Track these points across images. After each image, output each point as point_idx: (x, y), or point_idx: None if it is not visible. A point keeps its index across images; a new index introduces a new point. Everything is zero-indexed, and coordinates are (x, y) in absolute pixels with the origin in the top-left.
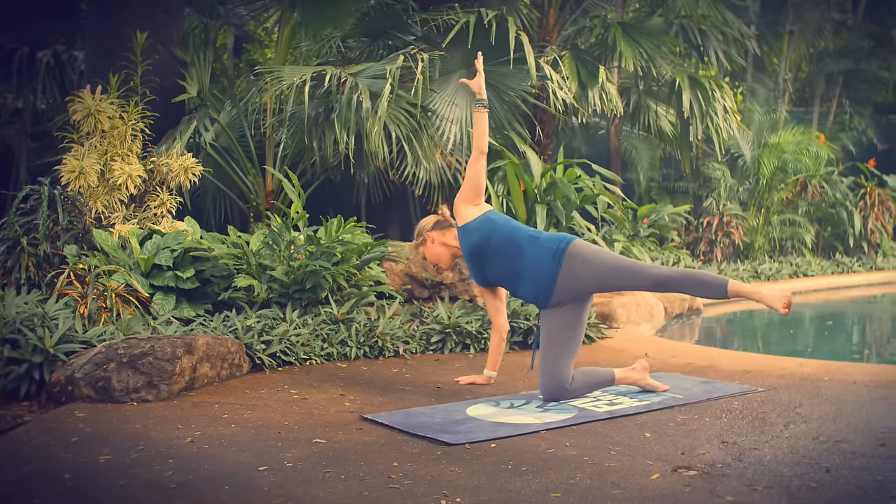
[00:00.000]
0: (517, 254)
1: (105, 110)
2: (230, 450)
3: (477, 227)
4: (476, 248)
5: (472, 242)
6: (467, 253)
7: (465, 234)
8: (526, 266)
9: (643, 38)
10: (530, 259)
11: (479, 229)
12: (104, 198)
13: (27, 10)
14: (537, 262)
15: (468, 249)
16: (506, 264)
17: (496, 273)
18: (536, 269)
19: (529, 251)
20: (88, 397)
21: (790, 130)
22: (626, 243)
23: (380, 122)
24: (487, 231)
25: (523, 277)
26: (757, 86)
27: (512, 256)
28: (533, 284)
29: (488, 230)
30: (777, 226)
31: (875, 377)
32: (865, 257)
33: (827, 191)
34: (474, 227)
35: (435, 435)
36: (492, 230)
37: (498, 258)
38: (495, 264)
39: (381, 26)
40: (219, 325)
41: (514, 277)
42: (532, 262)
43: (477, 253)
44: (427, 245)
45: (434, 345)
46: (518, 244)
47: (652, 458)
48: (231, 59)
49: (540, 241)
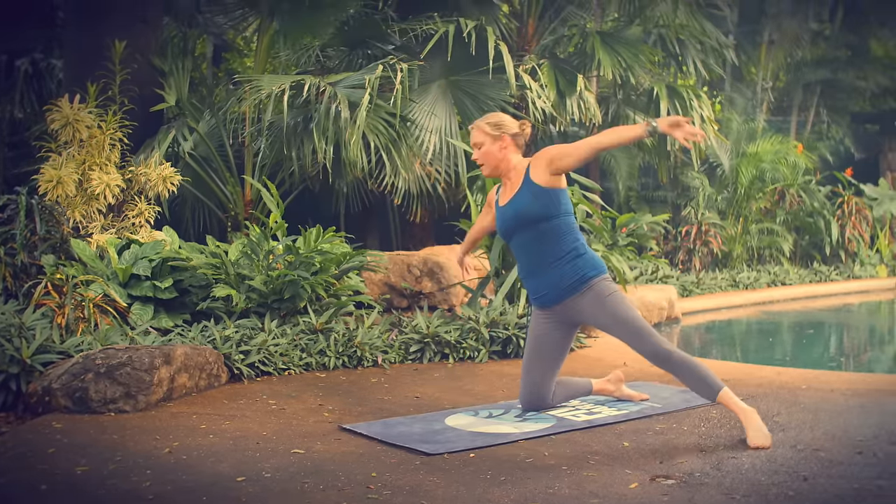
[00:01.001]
0: (554, 251)
1: (83, 119)
2: (208, 460)
3: (566, 199)
4: (534, 216)
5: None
6: (522, 211)
7: (551, 195)
8: (550, 266)
9: (621, 47)
10: (558, 264)
11: (566, 202)
12: (82, 207)
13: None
14: (561, 271)
15: (527, 209)
16: (540, 249)
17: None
18: (555, 277)
19: (564, 257)
20: (66, 408)
21: (768, 140)
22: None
23: (359, 131)
24: (566, 208)
25: (539, 273)
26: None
27: (549, 248)
28: (544, 286)
29: (567, 206)
30: (755, 235)
31: (852, 386)
32: (843, 266)
33: (805, 200)
34: (566, 197)
35: (414, 445)
36: (569, 209)
37: (542, 240)
38: (532, 243)
39: (360, 36)
40: (197, 336)
41: (532, 264)
42: (557, 268)
43: (529, 220)
44: (496, 143)
45: (413, 354)
46: (564, 242)
47: (630, 468)
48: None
49: (578, 255)
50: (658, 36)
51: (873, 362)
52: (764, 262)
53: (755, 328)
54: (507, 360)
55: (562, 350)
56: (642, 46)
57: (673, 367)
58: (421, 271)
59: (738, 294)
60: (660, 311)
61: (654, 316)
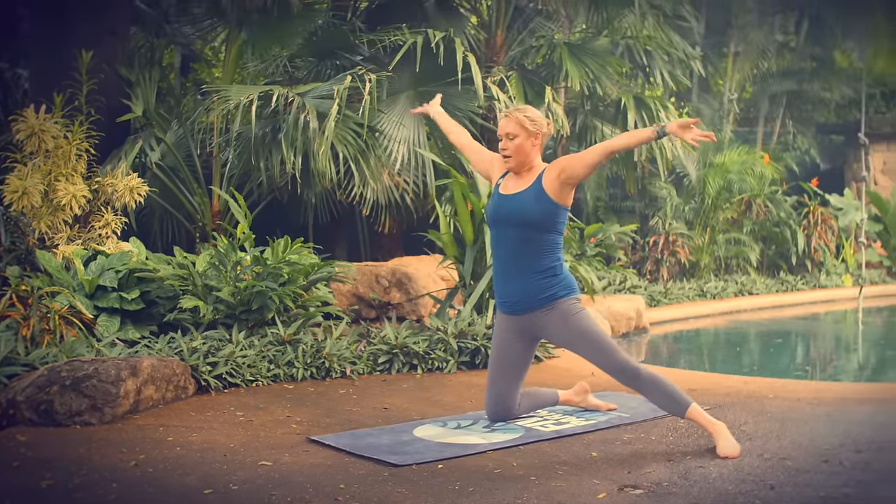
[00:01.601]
0: (534, 262)
1: (49, 130)
2: (175, 473)
3: (563, 218)
4: (530, 220)
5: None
6: (521, 210)
7: (553, 208)
8: (525, 276)
9: (589, 58)
10: (534, 276)
11: (562, 220)
12: (48, 218)
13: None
14: (534, 284)
15: (526, 210)
16: (521, 255)
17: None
18: (527, 287)
19: (542, 272)
20: (30, 421)
21: (735, 150)
22: (574, 263)
23: (327, 142)
24: (560, 227)
25: (513, 279)
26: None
27: (530, 258)
28: (513, 294)
29: (561, 227)
30: (722, 244)
31: (818, 395)
32: (809, 275)
33: (771, 210)
34: (564, 217)
35: (382, 456)
36: (561, 230)
37: (526, 246)
38: (516, 245)
39: (328, 46)
40: (164, 347)
41: (509, 267)
42: (531, 280)
43: (523, 222)
44: (530, 139)
45: (381, 365)
46: (545, 258)
47: (598, 478)
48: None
49: (554, 273)
50: (626, 47)
51: (839, 371)
52: (731, 271)
53: (722, 338)
54: (476, 370)
55: (525, 361)
56: (610, 58)
57: (640, 384)
58: (389, 282)
59: (706, 304)
60: (628, 322)
61: (622, 326)
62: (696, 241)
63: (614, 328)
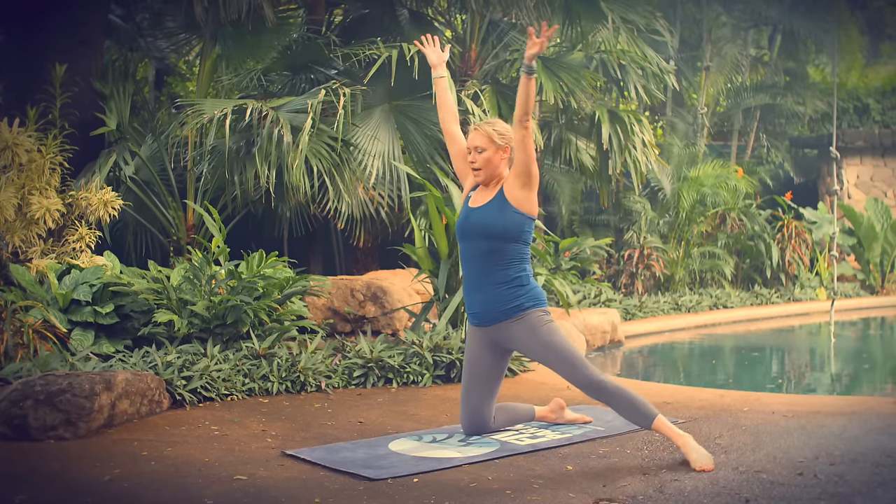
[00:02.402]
0: (500, 274)
1: (22, 143)
2: (150, 488)
3: (529, 228)
4: (494, 231)
5: (504, 222)
6: (486, 221)
7: (517, 218)
8: (492, 287)
9: (563, 72)
10: (500, 287)
11: (528, 231)
12: (21, 232)
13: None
14: (501, 295)
15: (491, 221)
16: (487, 266)
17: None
18: (494, 298)
19: (509, 282)
20: (4, 435)
21: (709, 164)
22: (549, 276)
23: (301, 155)
24: (525, 237)
25: (480, 290)
26: (676, 120)
27: (496, 269)
28: (480, 304)
29: (527, 237)
30: (697, 258)
31: (792, 407)
32: (783, 289)
33: (745, 223)
34: (530, 227)
35: (357, 470)
36: (527, 240)
37: (492, 258)
38: (483, 256)
39: (302, 60)
40: (138, 361)
41: (476, 279)
42: (497, 291)
43: (489, 233)
44: (499, 152)
45: (356, 379)
46: (511, 268)
47: (574, 491)
48: (152, 92)
49: (521, 284)
50: (600, 61)
51: (813, 384)
52: (706, 285)
53: (697, 351)
54: (451, 384)
55: (497, 373)
56: (584, 71)
57: (607, 396)
58: (364, 296)
59: (681, 317)
60: (603, 335)
61: (598, 340)
62: (670, 255)
63: (589, 342)
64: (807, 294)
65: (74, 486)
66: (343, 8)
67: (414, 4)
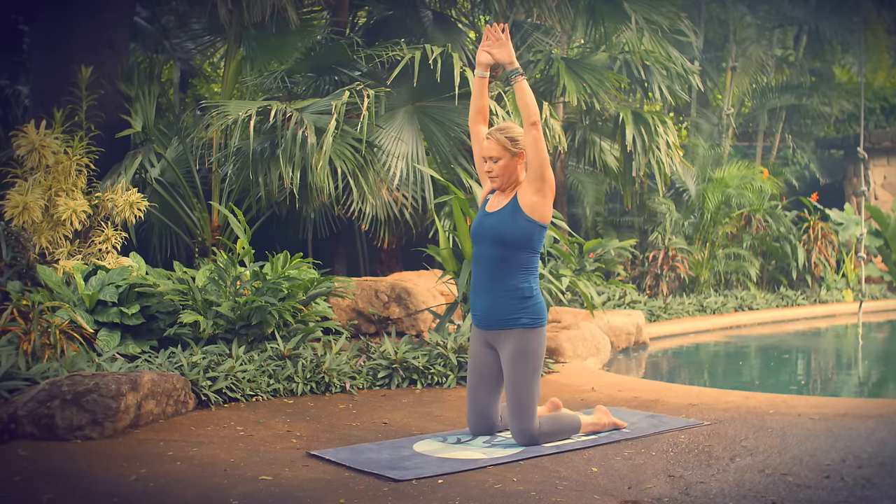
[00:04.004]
0: (505, 282)
1: (49, 145)
2: (175, 488)
3: (540, 237)
4: (505, 238)
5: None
6: (498, 227)
7: (529, 226)
8: (496, 293)
9: (586, 73)
10: (503, 295)
11: (539, 239)
12: (48, 233)
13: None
14: (502, 303)
15: (502, 227)
16: (494, 272)
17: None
18: (494, 304)
19: (512, 292)
20: (31, 435)
21: (734, 165)
22: (573, 278)
23: (325, 157)
24: (535, 245)
25: (484, 294)
26: (701, 121)
27: (503, 276)
28: (482, 308)
29: (537, 245)
30: (722, 259)
31: (819, 410)
32: (809, 290)
33: (771, 225)
34: (541, 235)
35: (382, 471)
36: (537, 248)
37: (500, 264)
38: (492, 262)
39: (326, 61)
40: (164, 362)
41: (482, 282)
42: (500, 298)
43: (499, 239)
44: (514, 159)
45: (381, 380)
46: (517, 278)
47: (599, 493)
48: (177, 94)
49: (525, 296)
50: (623, 62)
51: (840, 386)
52: (731, 286)
53: (722, 353)
54: None
55: (500, 372)
56: (608, 72)
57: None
58: (389, 297)
59: (706, 319)
60: (627, 337)
61: (622, 341)
62: (695, 256)
63: (614, 343)
64: (833, 296)
65: (101, 486)
66: (367, 10)
67: (437, 6)
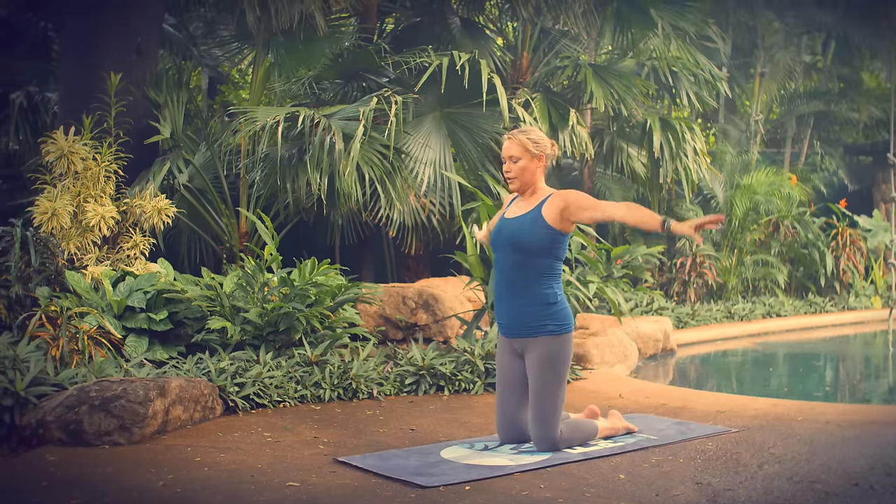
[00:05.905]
0: (528, 289)
1: (78, 151)
2: (203, 494)
3: (563, 244)
4: (526, 245)
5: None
6: (518, 234)
7: (551, 234)
8: (519, 300)
9: (614, 79)
10: (527, 302)
11: (562, 247)
12: (77, 239)
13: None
14: (526, 310)
15: (523, 235)
16: (516, 279)
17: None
18: (519, 312)
19: (536, 298)
20: (60, 440)
21: (762, 171)
22: (601, 284)
23: (353, 163)
24: (558, 253)
25: (507, 301)
26: (729, 127)
27: (526, 283)
28: (506, 316)
29: (560, 253)
30: (750, 266)
31: (847, 417)
32: (838, 297)
33: (799, 231)
34: (564, 243)
35: (409, 477)
36: (560, 256)
37: (522, 271)
38: (513, 269)
39: (354, 68)
40: (192, 368)
41: (505, 289)
42: (524, 306)
43: (520, 247)
44: (534, 161)
45: (408, 387)
46: (541, 284)
47: (626, 500)
48: (205, 100)
49: (549, 302)
50: (651, 68)
51: (868, 393)
52: (759, 293)
53: (750, 360)
54: None
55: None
56: (635, 79)
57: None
58: (416, 303)
59: (734, 325)
60: (655, 343)
61: (650, 348)
62: (723, 263)
63: (641, 350)
64: (861, 303)
65: (128, 492)
66: (394, 16)
67: (465, 12)
